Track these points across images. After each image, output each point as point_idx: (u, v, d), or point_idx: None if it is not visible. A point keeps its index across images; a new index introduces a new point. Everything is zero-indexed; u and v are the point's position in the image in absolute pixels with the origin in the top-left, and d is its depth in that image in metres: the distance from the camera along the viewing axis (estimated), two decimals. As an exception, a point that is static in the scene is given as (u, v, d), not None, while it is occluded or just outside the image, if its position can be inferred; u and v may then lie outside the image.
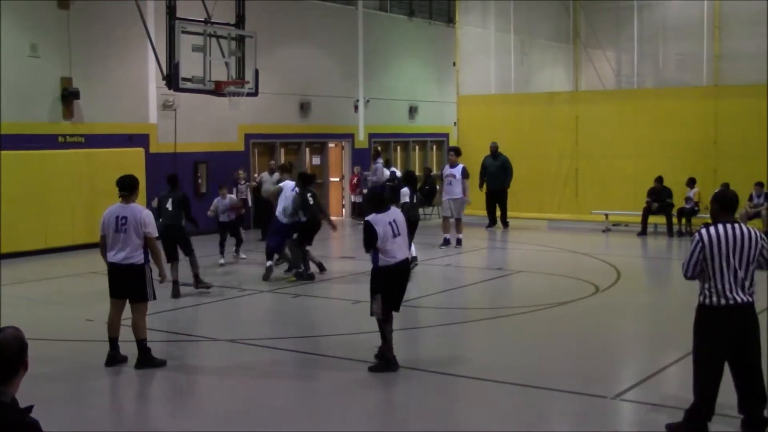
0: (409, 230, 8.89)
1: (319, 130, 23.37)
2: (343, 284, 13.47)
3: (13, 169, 16.05)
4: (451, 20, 26.39)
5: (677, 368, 8.15)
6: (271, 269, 13.63)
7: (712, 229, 6.13)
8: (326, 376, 8.35)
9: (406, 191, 14.23)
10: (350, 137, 24.33)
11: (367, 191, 20.97)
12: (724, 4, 19.72)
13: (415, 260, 13.77)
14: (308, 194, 13.42)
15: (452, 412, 7.47)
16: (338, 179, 24.63)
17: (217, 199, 15.30)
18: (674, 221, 18.71)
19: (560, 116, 21.48)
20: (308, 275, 13.46)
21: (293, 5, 22.31)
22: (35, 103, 17.08)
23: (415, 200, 14.42)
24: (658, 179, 18.98)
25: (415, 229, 13.67)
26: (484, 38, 23.55)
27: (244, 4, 17.09)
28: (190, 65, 15.78)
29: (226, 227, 15.40)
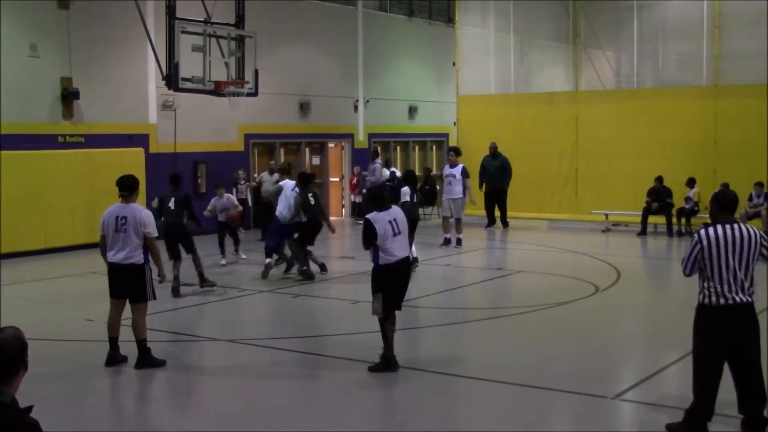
0: (409, 230, 8.89)
1: (318, 130, 23.38)
2: (343, 284, 13.47)
3: (13, 169, 16.06)
4: (450, 20, 26.39)
5: (677, 368, 8.15)
6: (270, 267, 13.67)
7: (711, 229, 6.13)
8: (326, 376, 8.35)
9: (406, 190, 14.24)
10: (350, 137, 24.33)
11: (366, 190, 20.95)
12: (724, 4, 19.72)
13: (416, 262, 13.77)
14: (309, 194, 13.42)
15: (452, 412, 7.47)
16: (338, 179, 24.65)
17: (214, 198, 15.29)
18: (674, 221, 18.72)
19: (560, 116, 21.48)
20: (308, 274, 13.44)
21: (293, 5, 22.31)
22: (35, 103, 17.09)
23: (415, 199, 14.44)
24: (658, 179, 18.98)
25: (414, 228, 13.67)
26: (483, 38, 23.55)
27: (243, 4, 17.10)
28: (189, 65, 15.80)
29: (224, 226, 15.42)
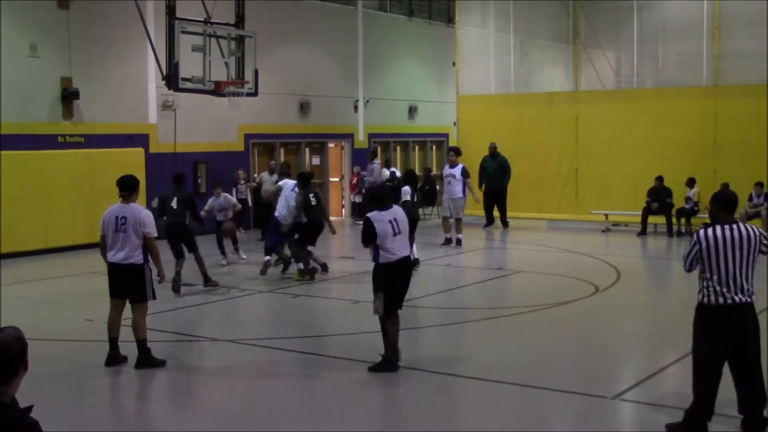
0: (409, 229, 8.88)
1: (318, 130, 23.38)
2: (343, 284, 13.46)
3: (13, 169, 16.05)
4: (450, 20, 26.39)
5: (677, 368, 8.15)
6: (269, 264, 13.72)
7: (710, 230, 6.13)
8: (326, 376, 8.35)
9: (407, 189, 14.25)
10: (350, 137, 24.32)
11: (367, 190, 20.94)
12: (723, 4, 19.72)
13: (417, 263, 13.78)
14: (311, 194, 13.42)
15: (452, 412, 7.47)
16: (338, 179, 24.65)
17: (211, 198, 15.31)
18: (674, 221, 18.72)
19: (560, 116, 21.48)
20: (308, 273, 13.45)
21: (293, 5, 22.31)
22: (35, 103, 17.08)
23: (415, 199, 14.44)
24: (658, 178, 18.98)
25: (414, 228, 13.66)
26: (483, 38, 23.55)
27: (243, 4, 17.09)
28: (189, 65, 15.79)
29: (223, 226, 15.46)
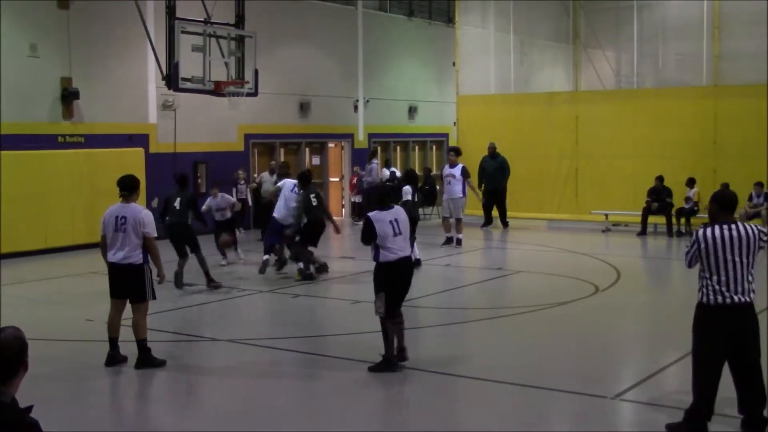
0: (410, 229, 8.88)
1: (318, 130, 23.38)
2: (343, 284, 13.46)
3: (13, 169, 16.05)
4: (450, 20, 26.39)
5: (677, 368, 8.15)
6: (267, 263, 13.77)
7: (709, 230, 6.13)
8: (326, 376, 8.34)
9: (408, 189, 14.27)
10: (350, 137, 24.32)
11: (369, 189, 20.94)
12: (724, 4, 19.71)
13: (418, 263, 13.77)
14: (312, 195, 13.42)
15: (452, 412, 7.47)
16: (338, 179, 24.65)
17: (209, 198, 15.35)
18: (674, 221, 18.72)
19: (560, 116, 21.47)
20: (308, 275, 13.46)
21: (293, 5, 22.31)
22: (35, 103, 17.08)
23: (416, 199, 14.44)
24: (658, 178, 18.97)
25: (415, 228, 13.68)
26: (483, 38, 23.54)
27: (243, 4, 17.10)
28: (189, 65, 15.80)
29: (222, 226, 15.48)
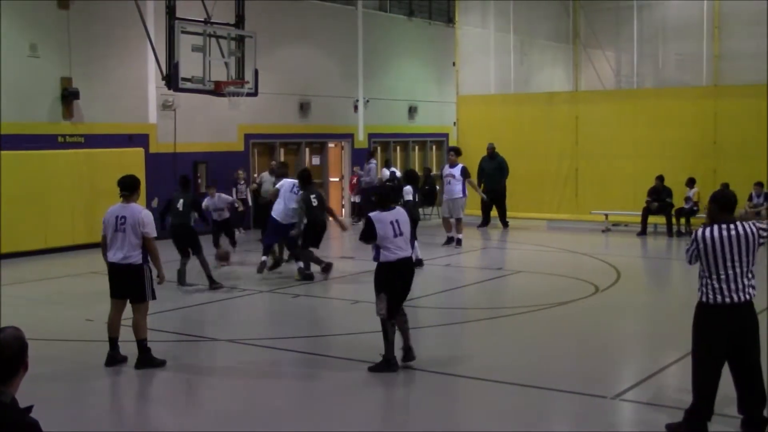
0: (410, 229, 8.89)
1: (318, 130, 23.38)
2: (343, 284, 13.46)
3: (13, 169, 16.06)
4: (450, 20, 26.39)
5: (677, 368, 8.15)
6: (265, 264, 13.77)
7: (708, 230, 6.13)
8: (326, 376, 8.34)
9: (409, 189, 14.28)
10: (350, 137, 24.32)
11: (370, 189, 20.93)
12: (724, 4, 19.72)
13: (420, 263, 13.76)
14: (312, 195, 13.41)
15: (452, 412, 7.47)
16: (338, 179, 24.65)
17: (206, 198, 15.37)
18: (674, 221, 18.72)
19: (560, 116, 21.48)
20: (307, 275, 13.46)
21: (293, 5, 22.31)
22: (35, 103, 17.09)
23: (416, 199, 14.45)
24: (659, 178, 18.97)
25: (415, 228, 13.68)
26: (483, 38, 23.55)
27: (243, 4, 17.09)
28: (189, 65, 15.79)
29: (220, 226, 15.52)
